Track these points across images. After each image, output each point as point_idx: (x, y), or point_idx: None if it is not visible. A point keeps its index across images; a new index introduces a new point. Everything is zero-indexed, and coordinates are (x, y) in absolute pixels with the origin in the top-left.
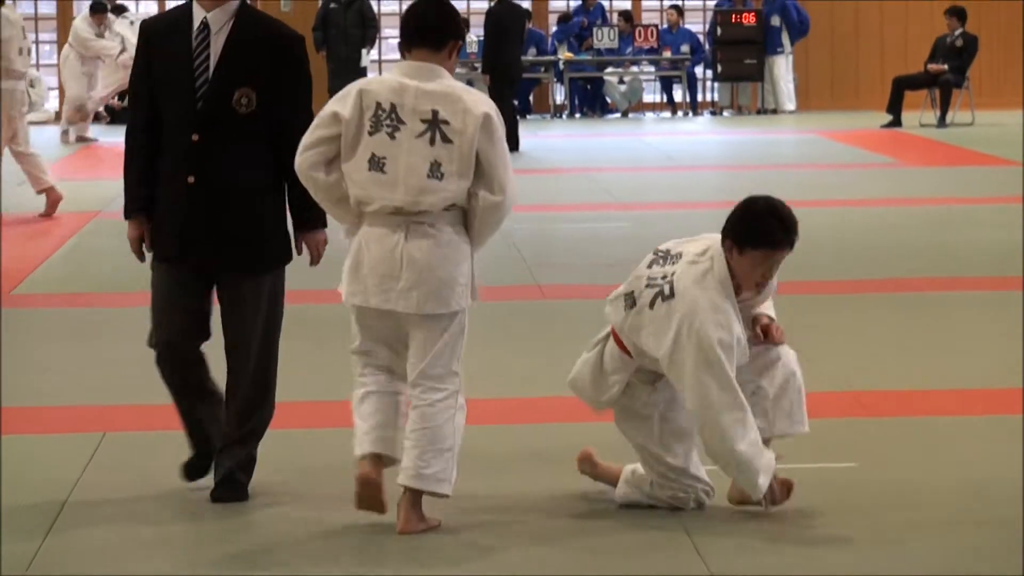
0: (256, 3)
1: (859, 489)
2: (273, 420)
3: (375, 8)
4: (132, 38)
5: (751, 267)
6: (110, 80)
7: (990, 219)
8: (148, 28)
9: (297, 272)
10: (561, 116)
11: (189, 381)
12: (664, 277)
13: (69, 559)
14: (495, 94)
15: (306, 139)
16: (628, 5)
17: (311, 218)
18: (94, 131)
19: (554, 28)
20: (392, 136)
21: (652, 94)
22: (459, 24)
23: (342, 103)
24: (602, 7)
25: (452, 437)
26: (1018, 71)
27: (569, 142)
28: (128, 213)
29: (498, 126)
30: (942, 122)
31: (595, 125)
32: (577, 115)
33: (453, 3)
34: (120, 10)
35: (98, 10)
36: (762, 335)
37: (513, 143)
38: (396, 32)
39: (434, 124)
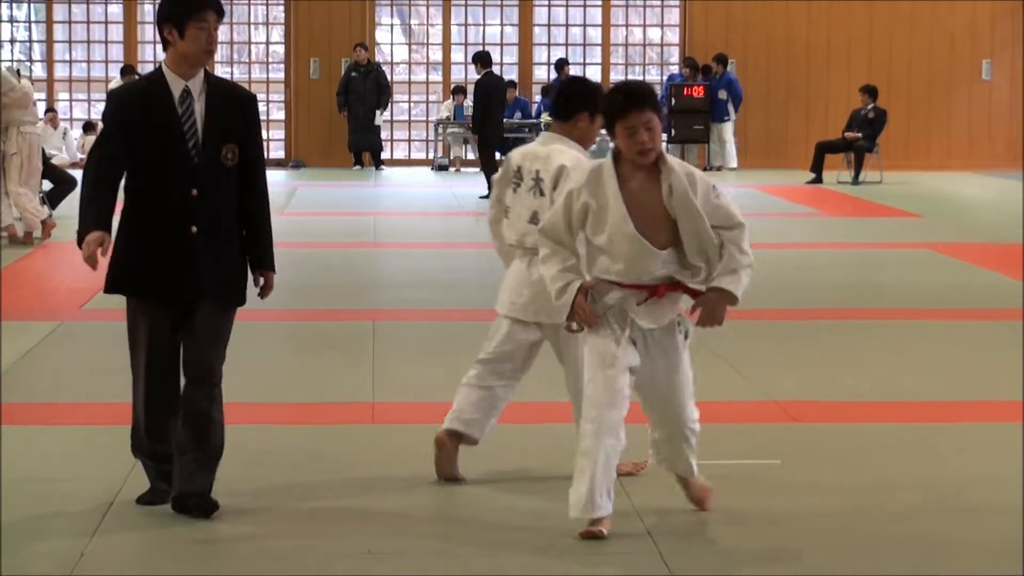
0: (290, 71)
1: (782, 483)
2: (277, 417)
3: (389, 77)
4: None
5: (622, 139)
6: None
7: (895, 261)
8: (122, 98)
9: (303, 295)
10: None
11: (173, 393)
12: None
13: (114, 559)
14: (483, 149)
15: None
16: (598, 78)
17: (269, 259)
18: None
19: (537, 96)
20: (515, 191)
21: None
22: (589, 98)
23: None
24: None
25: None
26: (919, 139)
27: None
28: (95, 228)
29: (568, 175)
30: (856, 180)
31: None
32: None
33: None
34: (129, 71)
35: (126, 73)
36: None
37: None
38: (406, 97)
39: (537, 181)
